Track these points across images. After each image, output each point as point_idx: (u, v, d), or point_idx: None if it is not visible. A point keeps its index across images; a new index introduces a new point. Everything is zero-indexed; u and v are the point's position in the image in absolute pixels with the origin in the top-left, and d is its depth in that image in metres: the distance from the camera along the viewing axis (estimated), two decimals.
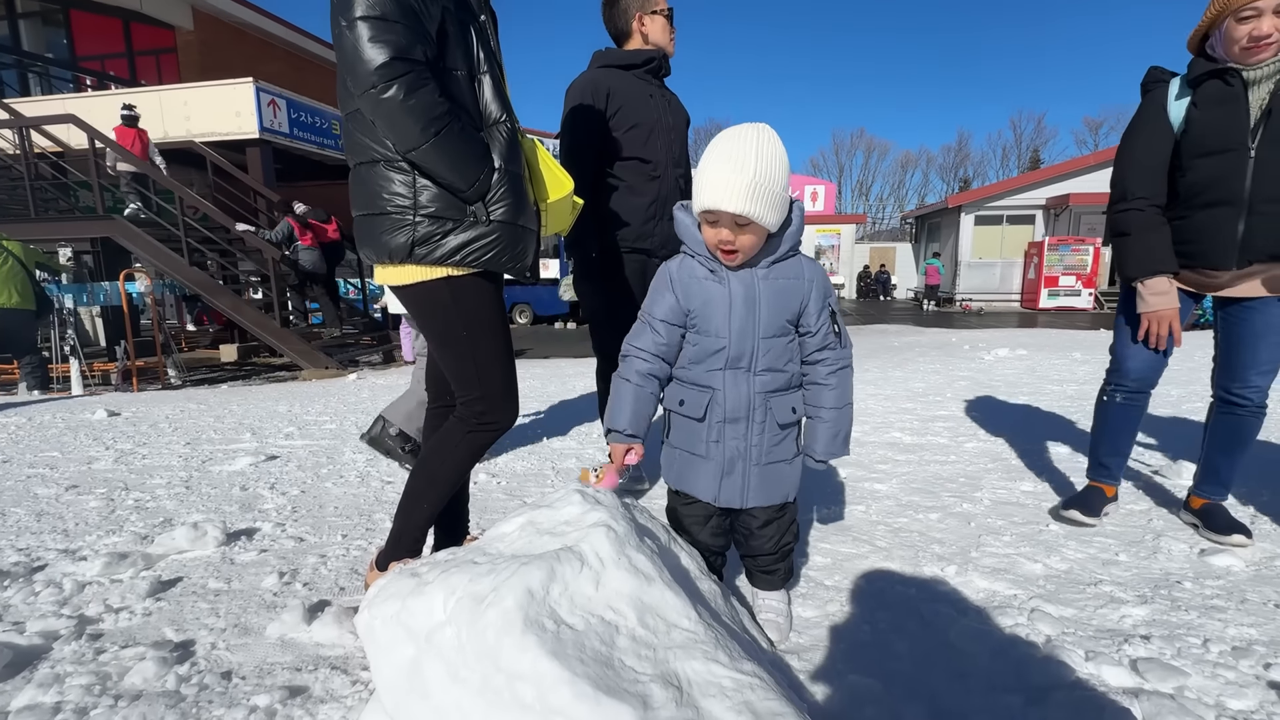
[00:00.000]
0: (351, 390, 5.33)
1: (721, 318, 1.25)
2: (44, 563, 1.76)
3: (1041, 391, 4.62)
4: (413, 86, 1.11)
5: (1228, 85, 1.56)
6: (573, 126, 2.12)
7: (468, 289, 1.29)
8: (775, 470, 1.31)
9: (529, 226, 1.35)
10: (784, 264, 1.27)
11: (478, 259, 1.26)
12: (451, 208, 1.23)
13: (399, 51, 1.10)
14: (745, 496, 1.30)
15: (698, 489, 1.32)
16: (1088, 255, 16.58)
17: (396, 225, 1.22)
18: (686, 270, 1.29)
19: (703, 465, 1.31)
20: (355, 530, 1.99)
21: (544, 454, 2.93)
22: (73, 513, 2.21)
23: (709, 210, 1.15)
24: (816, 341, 1.30)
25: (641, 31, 2.20)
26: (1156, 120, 1.68)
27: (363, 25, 1.09)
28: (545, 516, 1.00)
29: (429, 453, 1.41)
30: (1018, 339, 8.85)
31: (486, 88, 1.30)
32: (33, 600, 1.51)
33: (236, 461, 2.84)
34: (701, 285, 1.26)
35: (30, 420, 4.01)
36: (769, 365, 1.27)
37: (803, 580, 1.62)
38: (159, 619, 1.43)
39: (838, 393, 1.31)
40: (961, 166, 48.12)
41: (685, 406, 1.31)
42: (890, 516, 2.08)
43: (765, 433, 1.29)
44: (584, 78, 2.16)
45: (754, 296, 1.24)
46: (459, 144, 1.18)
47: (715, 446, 1.29)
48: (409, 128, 1.14)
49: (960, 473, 2.59)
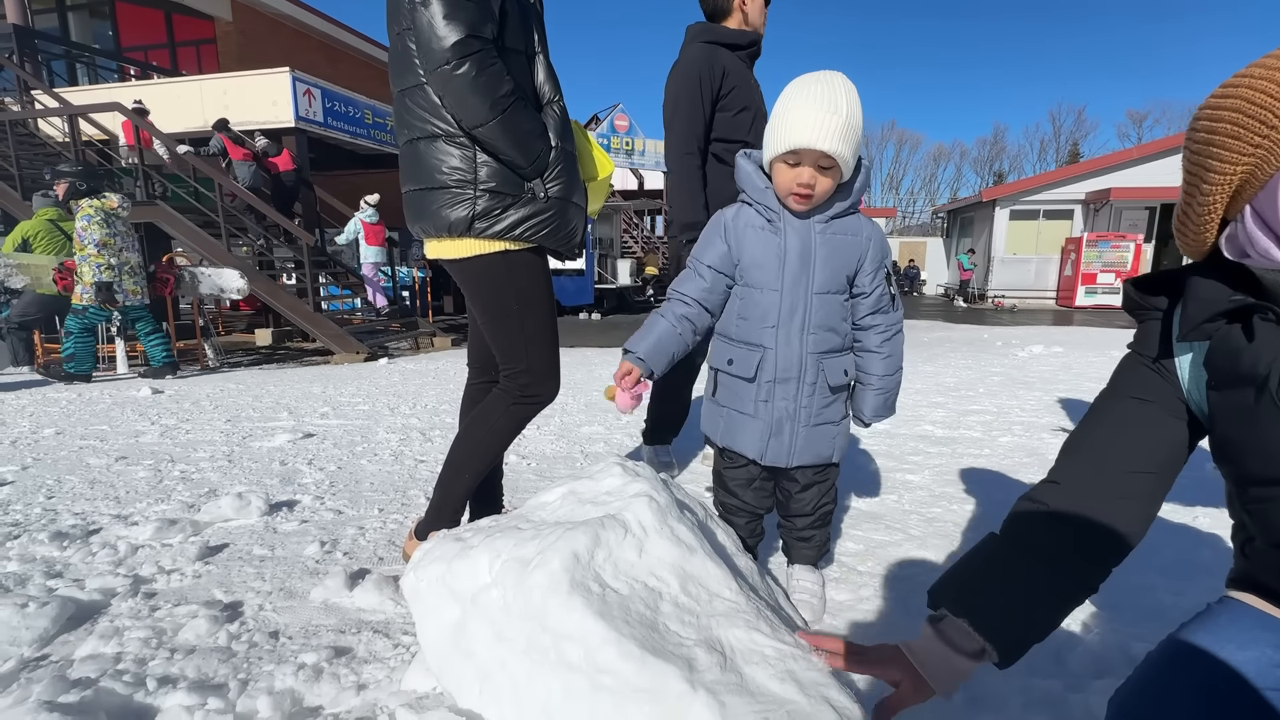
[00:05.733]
0: (383, 374, 5.43)
1: (774, 269, 1.23)
2: (98, 526, 1.83)
3: (1079, 388, 4.50)
4: (483, 64, 1.13)
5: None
6: (690, 102, 2.02)
7: (521, 264, 1.31)
8: (823, 431, 1.30)
9: (580, 204, 1.36)
10: (843, 220, 1.24)
11: (534, 234, 1.28)
12: (510, 183, 1.25)
13: (471, 29, 1.12)
14: (791, 456, 1.29)
15: (743, 445, 1.31)
16: (1128, 252, 16.07)
17: (456, 199, 1.24)
18: (744, 219, 1.27)
19: (750, 423, 1.29)
20: (391, 505, 2.04)
21: (573, 439, 2.96)
22: (123, 481, 2.30)
23: (796, 150, 1.12)
24: (870, 304, 1.28)
25: (743, 10, 2.11)
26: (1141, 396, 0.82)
27: (437, 4, 1.11)
28: (586, 487, 1.02)
29: (471, 424, 1.44)
30: (1052, 336, 8.64)
31: (540, 68, 1.31)
32: (90, 560, 1.58)
33: (275, 438, 2.92)
34: (757, 234, 1.25)
35: (80, 396, 4.17)
36: (822, 323, 1.25)
37: (836, 564, 1.62)
38: (208, 581, 1.48)
39: (889, 360, 1.30)
40: (996, 160, 46.94)
41: (734, 365, 1.29)
42: (923, 506, 2.05)
43: (816, 394, 1.27)
44: (699, 51, 2.05)
45: (809, 250, 1.22)
46: (523, 121, 1.20)
47: (764, 406, 1.27)
48: (478, 104, 1.15)
49: (995, 465, 2.54)
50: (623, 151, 19.34)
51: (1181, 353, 0.79)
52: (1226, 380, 0.73)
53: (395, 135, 1.35)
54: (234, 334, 10.76)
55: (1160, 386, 0.80)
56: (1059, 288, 17.47)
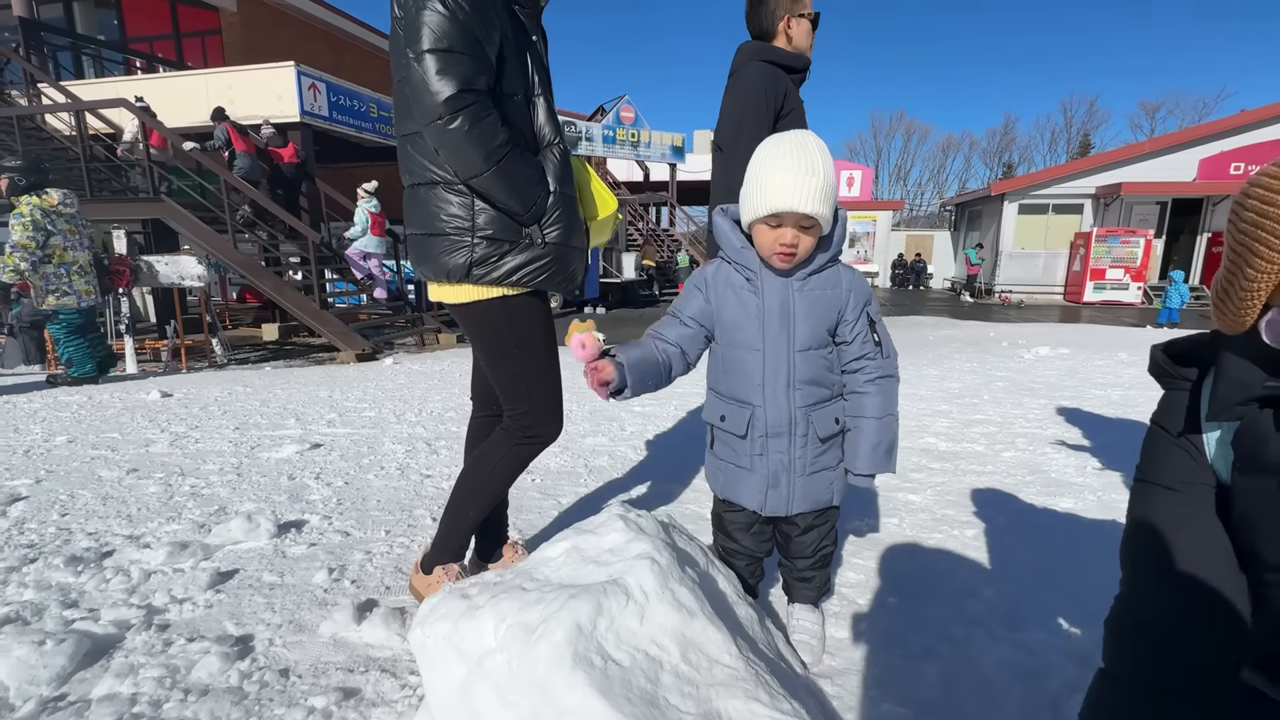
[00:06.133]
0: (388, 375, 5.46)
1: (755, 329, 1.25)
2: (112, 548, 1.87)
3: (1084, 396, 4.50)
4: (477, 117, 1.14)
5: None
6: (756, 123, 1.99)
7: (521, 308, 1.32)
8: (820, 477, 1.31)
9: (579, 246, 1.37)
10: (821, 275, 1.26)
11: (532, 280, 1.29)
12: (508, 230, 1.26)
13: (465, 84, 1.12)
14: (790, 505, 1.30)
15: (743, 498, 1.33)
16: (1138, 248, 15.93)
17: (454, 246, 1.26)
18: (723, 277, 1.29)
19: (748, 476, 1.31)
20: (397, 526, 2.07)
21: (577, 451, 2.98)
22: (134, 496, 2.34)
23: (779, 213, 1.15)
24: (855, 350, 1.29)
25: (787, 33, 2.11)
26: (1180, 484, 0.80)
27: (430, 58, 1.11)
28: (590, 543, 1.04)
29: (475, 463, 1.46)
30: (1059, 336, 8.60)
31: (541, 110, 1.31)
32: (104, 587, 1.61)
33: (283, 449, 2.95)
34: (737, 294, 1.27)
35: (90, 399, 4.22)
36: (807, 379, 1.26)
37: (837, 595, 1.63)
38: (219, 612, 1.51)
39: (879, 401, 1.29)
40: (1006, 151, 46.43)
41: (727, 422, 1.31)
42: (924, 531, 2.07)
43: (808, 445, 1.29)
44: (762, 71, 2.02)
45: (789, 310, 1.24)
46: (518, 171, 1.21)
47: (760, 460, 1.29)
48: (472, 157, 1.16)
49: (997, 485, 2.55)
50: (628, 143, 19.24)
51: (1210, 429, 0.78)
52: (1252, 465, 0.72)
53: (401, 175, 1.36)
54: (241, 328, 10.84)
55: (1192, 469, 0.78)
56: (1067, 283, 17.36)
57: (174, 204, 8.22)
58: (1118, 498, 2.38)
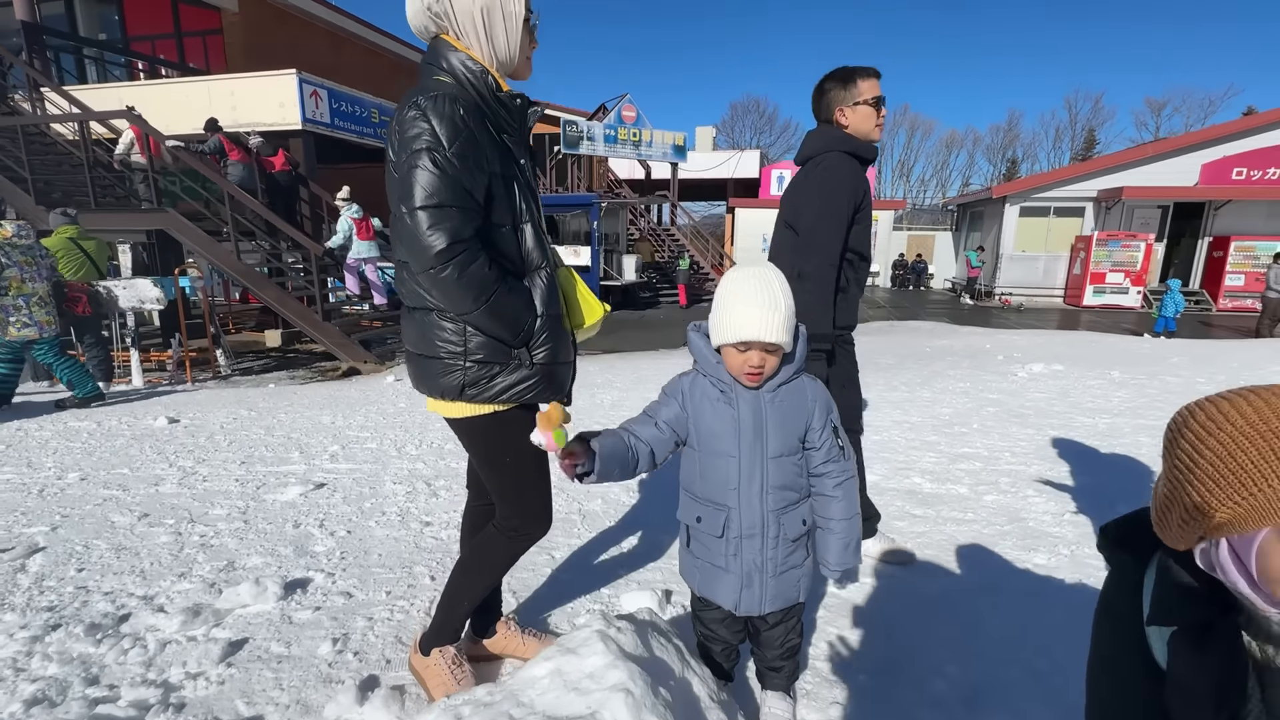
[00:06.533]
0: (389, 396, 5.56)
1: (731, 438, 1.35)
2: (128, 611, 1.98)
3: (1072, 424, 4.59)
4: (466, 265, 1.22)
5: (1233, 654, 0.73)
6: (838, 218, 2.10)
7: (512, 421, 1.41)
8: (789, 576, 1.41)
9: (567, 361, 1.45)
10: (790, 387, 1.35)
11: (521, 397, 1.38)
12: (497, 353, 1.35)
13: (454, 236, 1.20)
14: (763, 605, 1.41)
15: (719, 597, 1.43)
16: (1138, 252, 15.95)
17: (448, 369, 1.34)
18: (699, 390, 1.39)
19: (724, 577, 1.41)
20: (398, 586, 2.17)
21: (572, 494, 3.08)
22: (146, 547, 2.45)
23: (746, 342, 1.26)
24: (822, 455, 1.39)
25: (841, 123, 2.22)
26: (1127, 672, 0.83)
27: (422, 214, 1.19)
28: (572, 666, 1.13)
29: (470, 557, 1.55)
30: (1054, 349, 8.66)
31: (528, 236, 1.39)
32: (123, 660, 1.72)
33: (288, 490, 3.05)
34: (713, 406, 1.36)
35: (100, 426, 4.33)
36: (779, 484, 1.36)
37: (810, 671, 1.73)
38: (231, 689, 1.62)
39: (844, 504, 1.39)
40: (1010, 148, 46.18)
41: (703, 523, 1.41)
42: (899, 595, 2.16)
43: (779, 546, 1.39)
44: (845, 165, 2.13)
45: (761, 420, 1.34)
46: (506, 305, 1.29)
47: (734, 560, 1.39)
48: (462, 300, 1.25)
49: (976, 536, 2.65)
50: (630, 142, 19.21)
51: (1150, 623, 0.79)
52: (1178, 672, 0.74)
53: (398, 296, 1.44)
54: (244, 331, 10.94)
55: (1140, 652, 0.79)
56: (1067, 286, 17.40)
57: (178, 215, 8.30)
58: (1089, 551, 2.47)
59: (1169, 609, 0.75)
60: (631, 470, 1.36)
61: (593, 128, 18.42)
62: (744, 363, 1.29)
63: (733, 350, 1.29)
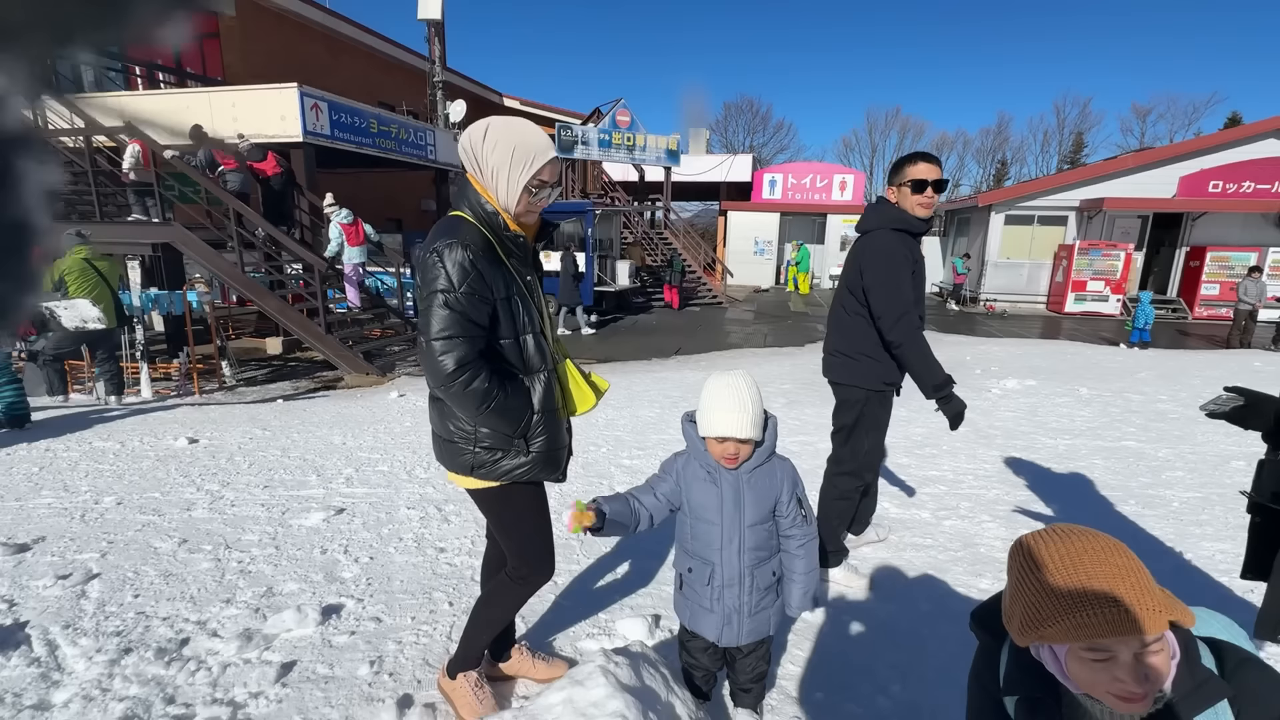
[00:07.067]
0: (395, 414, 5.84)
1: (715, 510, 1.66)
2: (186, 635, 2.27)
3: (1035, 446, 4.94)
4: (469, 382, 1.52)
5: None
6: (899, 283, 2.50)
7: (516, 493, 1.71)
8: (762, 615, 1.73)
9: (561, 446, 1.75)
10: (762, 469, 1.67)
11: (522, 477, 1.68)
12: (502, 440, 1.65)
13: (460, 361, 1.50)
14: (739, 639, 1.73)
15: (705, 631, 1.75)
16: (1118, 261, 16.40)
17: (460, 451, 1.65)
18: (690, 470, 1.70)
19: (709, 616, 1.73)
20: (420, 611, 2.47)
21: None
22: (191, 574, 2.73)
23: (723, 437, 1.58)
24: (788, 522, 1.71)
25: (890, 199, 2.59)
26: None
27: (436, 344, 1.50)
28: (580, 695, 1.44)
29: (487, 600, 1.86)
30: (1031, 361, 9.03)
31: (530, 344, 1.68)
32: (192, 681, 2.01)
33: (311, 516, 3.35)
34: (701, 485, 1.68)
35: (124, 446, 4.60)
36: (754, 546, 1.68)
37: (776, 689, 2.06)
38: (289, 707, 1.92)
39: (805, 561, 1.72)
40: (1000, 150, 46.70)
41: (693, 573, 1.73)
42: (858, 616, 2.49)
43: (754, 593, 1.70)
44: (897, 242, 2.52)
45: (740, 497, 1.65)
46: (507, 408, 1.58)
47: (718, 603, 1.71)
48: (467, 408, 1.56)
49: (930, 562, 2.98)
50: (624, 147, 19.43)
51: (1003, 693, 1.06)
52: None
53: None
54: (244, 337, 11.16)
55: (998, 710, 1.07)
56: (1050, 293, 17.83)
57: (182, 228, 8.50)
58: None
59: (1015, 683, 1.05)
60: (632, 530, 1.69)
61: (587, 132, 18.63)
62: (722, 452, 1.61)
63: (713, 441, 1.61)
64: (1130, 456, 4.71)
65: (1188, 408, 6.34)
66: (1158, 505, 3.76)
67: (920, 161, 2.54)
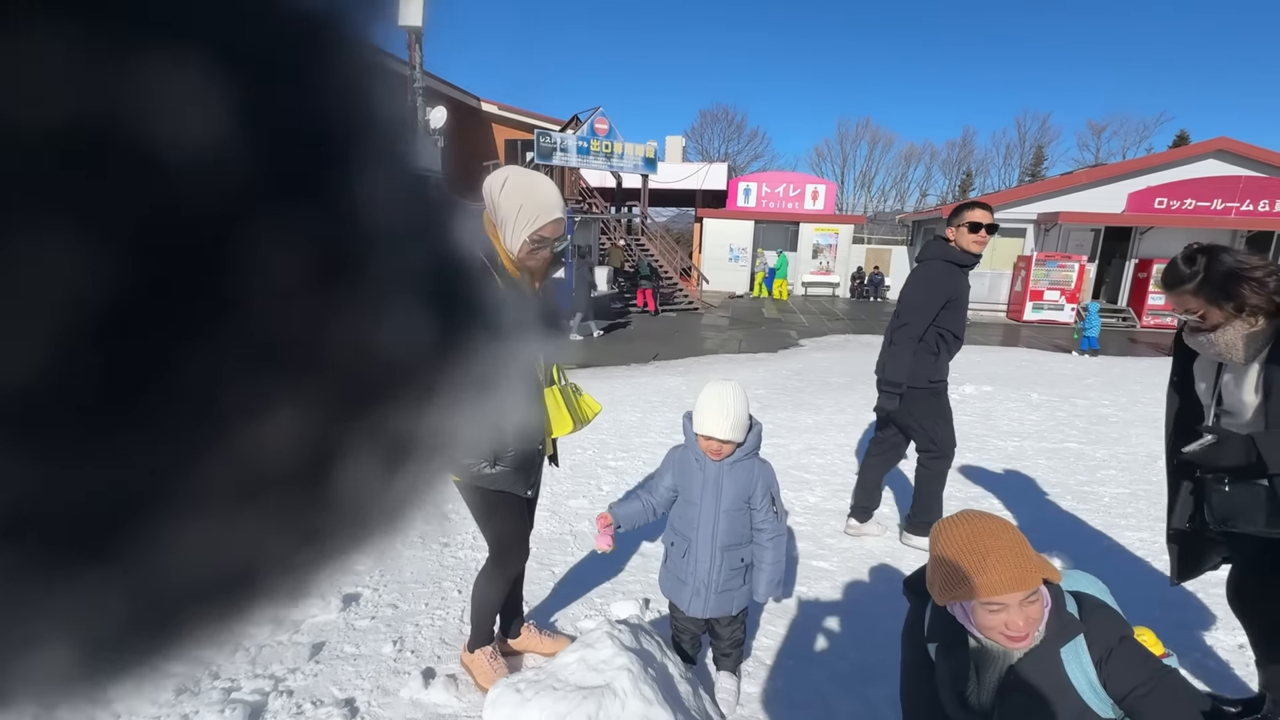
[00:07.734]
0: None
1: (698, 493, 1.98)
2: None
3: (986, 449, 5.36)
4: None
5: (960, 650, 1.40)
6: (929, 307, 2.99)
7: (493, 497, 1.98)
8: (726, 594, 2.04)
9: (535, 463, 2.01)
10: (742, 464, 1.98)
11: (492, 485, 1.94)
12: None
13: None
14: (706, 610, 2.03)
15: (679, 600, 2.06)
16: (1073, 272, 17.26)
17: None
18: (684, 461, 2.02)
19: (683, 587, 2.04)
20: (433, 599, 2.73)
21: (563, 515, 3.66)
22: None
23: (708, 435, 1.89)
24: (761, 516, 2.02)
25: (949, 237, 3.05)
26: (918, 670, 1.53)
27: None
28: (591, 655, 1.73)
29: (477, 586, 2.13)
30: (990, 368, 9.55)
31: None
32: (234, 660, 2.24)
33: None
34: (691, 471, 2.00)
35: None
36: (727, 529, 1.99)
37: (752, 659, 2.37)
38: (324, 679, 2.16)
39: (773, 553, 2.04)
40: (965, 163, 48.28)
41: (674, 547, 2.04)
42: (825, 597, 2.82)
43: (721, 572, 2.01)
44: (940, 270, 3.01)
45: (719, 483, 1.97)
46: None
47: (690, 576, 2.02)
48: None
49: (888, 550, 3.34)
50: (602, 154, 19.74)
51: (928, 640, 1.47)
52: (938, 667, 1.41)
53: None
54: None
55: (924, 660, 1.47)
56: (1010, 302, 18.64)
57: None
58: None
59: (936, 633, 1.43)
60: (646, 522, 2.05)
61: (566, 139, 18.88)
62: (707, 446, 1.92)
63: (701, 437, 1.92)
64: (1071, 457, 5.17)
65: (1126, 411, 6.89)
66: (1091, 500, 4.19)
67: (977, 209, 3.04)
